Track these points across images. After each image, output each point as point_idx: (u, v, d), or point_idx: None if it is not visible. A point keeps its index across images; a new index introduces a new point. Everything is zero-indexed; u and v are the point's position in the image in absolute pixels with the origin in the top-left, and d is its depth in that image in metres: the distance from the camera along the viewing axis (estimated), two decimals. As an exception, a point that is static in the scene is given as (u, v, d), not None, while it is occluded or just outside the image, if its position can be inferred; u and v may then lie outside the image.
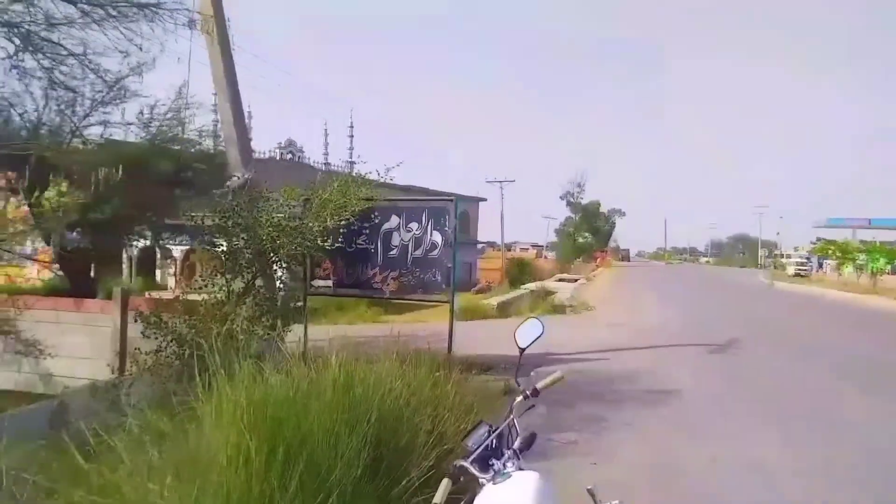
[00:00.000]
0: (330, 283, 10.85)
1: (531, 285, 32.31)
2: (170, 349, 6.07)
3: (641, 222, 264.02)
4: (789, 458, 6.23)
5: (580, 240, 76.83)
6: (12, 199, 10.46)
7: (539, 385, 2.94)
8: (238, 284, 6.27)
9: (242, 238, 7.01)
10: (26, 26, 8.03)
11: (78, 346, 10.08)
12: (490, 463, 2.47)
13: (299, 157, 40.40)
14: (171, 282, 28.54)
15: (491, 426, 2.71)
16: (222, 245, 7.18)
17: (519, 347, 3.07)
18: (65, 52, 8.71)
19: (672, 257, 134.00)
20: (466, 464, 2.42)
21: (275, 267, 7.06)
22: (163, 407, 3.86)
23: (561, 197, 75.68)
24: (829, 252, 60.97)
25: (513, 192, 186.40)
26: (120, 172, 9.26)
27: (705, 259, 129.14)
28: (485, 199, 55.92)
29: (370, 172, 9.08)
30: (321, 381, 4.04)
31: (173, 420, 3.62)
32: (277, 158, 39.05)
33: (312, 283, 10.94)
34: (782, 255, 78.17)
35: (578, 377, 9.64)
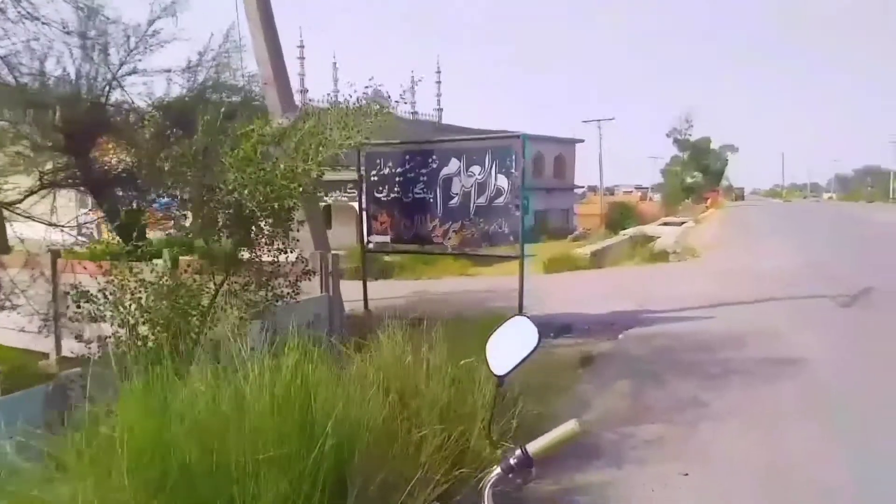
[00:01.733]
0: (387, 238, 9.76)
1: (631, 230, 30.04)
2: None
3: (756, 158, 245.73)
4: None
5: (689, 179, 71.74)
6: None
7: (532, 448, 1.57)
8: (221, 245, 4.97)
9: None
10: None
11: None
12: None
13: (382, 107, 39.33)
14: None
15: None
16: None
17: (496, 378, 1.71)
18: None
19: (791, 194, 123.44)
20: None
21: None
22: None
23: (667, 134, 70.63)
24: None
25: (615, 133, 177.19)
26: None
27: (828, 195, 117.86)
28: (582, 141, 52.97)
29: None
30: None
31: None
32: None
33: (369, 238, 9.90)
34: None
35: (674, 343, 8.07)
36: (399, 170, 9.53)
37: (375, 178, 9.77)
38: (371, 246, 9.94)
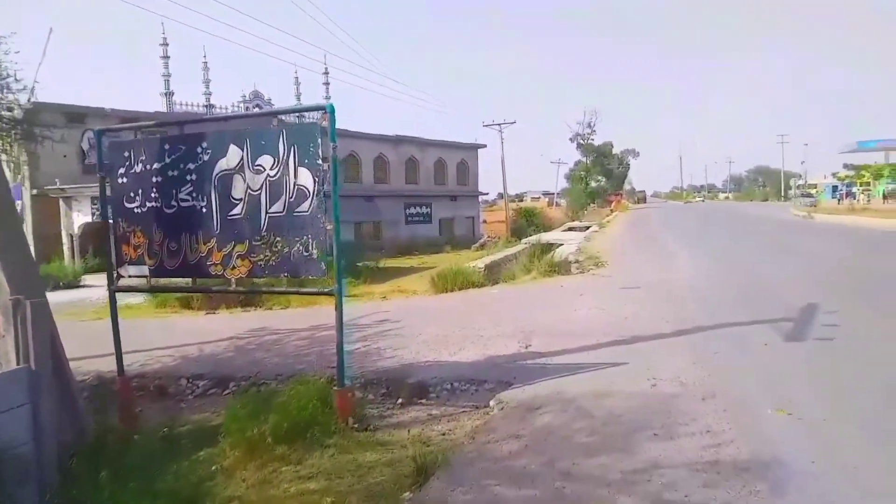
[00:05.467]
0: (145, 269, 6.42)
1: (533, 238, 27.72)
2: None
3: (655, 162, 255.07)
4: None
5: (593, 184, 71.47)
6: None
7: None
8: None
9: None
10: None
11: None
12: None
13: (283, 118, 35.45)
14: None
15: None
16: None
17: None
18: None
19: (690, 195, 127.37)
20: None
21: None
22: None
23: (571, 139, 69.99)
24: (862, 178, 55.63)
25: (518, 138, 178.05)
26: None
27: (724, 195, 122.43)
28: (484, 146, 50.76)
29: None
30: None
31: None
32: (243, 112, 34.32)
33: (119, 271, 6.54)
34: (808, 186, 72.72)
35: (568, 419, 5.22)
36: (156, 166, 6.24)
37: (124, 180, 6.43)
38: (123, 281, 6.57)
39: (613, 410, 5.43)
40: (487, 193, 58.16)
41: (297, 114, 29.46)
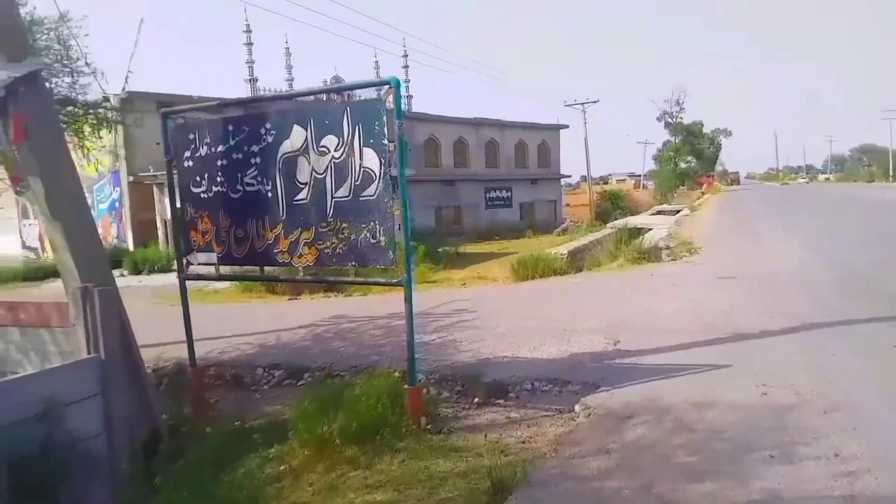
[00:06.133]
0: (213, 256, 6.23)
1: (619, 222, 26.51)
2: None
3: (749, 142, 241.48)
4: None
5: (682, 165, 68.29)
6: None
7: None
8: None
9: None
10: None
11: None
12: None
13: (348, 95, 35.68)
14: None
15: None
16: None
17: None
18: None
19: (788, 176, 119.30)
20: None
21: None
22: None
23: (658, 118, 66.97)
24: None
25: (602, 118, 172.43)
26: None
27: (824, 176, 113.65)
28: (566, 127, 49.22)
29: None
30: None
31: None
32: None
33: (188, 258, 6.37)
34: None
35: (664, 432, 4.58)
36: (221, 148, 5.99)
37: (191, 164, 6.23)
38: (192, 269, 6.39)
39: (717, 423, 4.73)
40: (570, 176, 56.62)
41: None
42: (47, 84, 6.16)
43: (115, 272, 14.96)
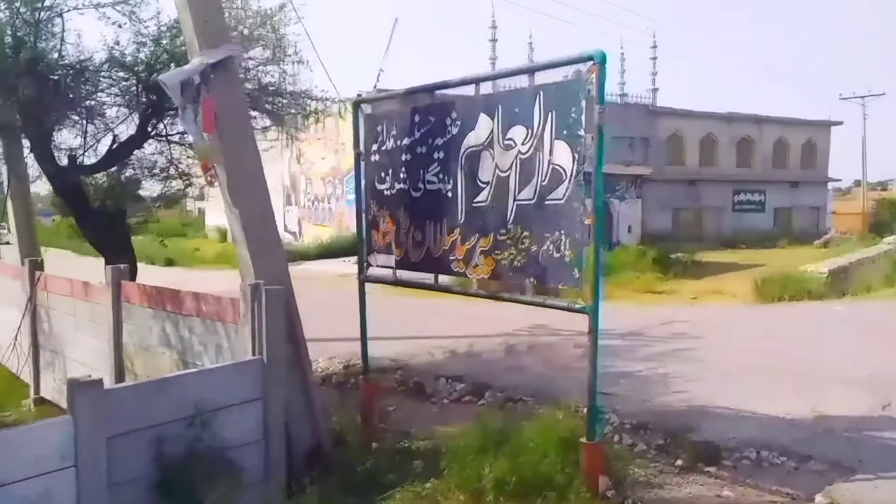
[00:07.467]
0: (392, 259, 5.80)
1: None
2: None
3: None
4: None
5: None
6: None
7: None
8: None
9: None
10: None
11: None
12: None
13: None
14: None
15: None
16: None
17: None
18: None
19: None
20: None
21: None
22: None
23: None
24: None
25: (886, 113, 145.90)
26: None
27: None
28: (839, 123, 42.27)
29: None
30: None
31: None
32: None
33: (369, 259, 6.03)
34: None
35: None
36: (406, 142, 5.51)
37: (377, 157, 5.85)
38: (371, 271, 6.02)
39: None
40: (840, 180, 48.83)
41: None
42: (245, 74, 6.20)
43: (350, 259, 15.64)
